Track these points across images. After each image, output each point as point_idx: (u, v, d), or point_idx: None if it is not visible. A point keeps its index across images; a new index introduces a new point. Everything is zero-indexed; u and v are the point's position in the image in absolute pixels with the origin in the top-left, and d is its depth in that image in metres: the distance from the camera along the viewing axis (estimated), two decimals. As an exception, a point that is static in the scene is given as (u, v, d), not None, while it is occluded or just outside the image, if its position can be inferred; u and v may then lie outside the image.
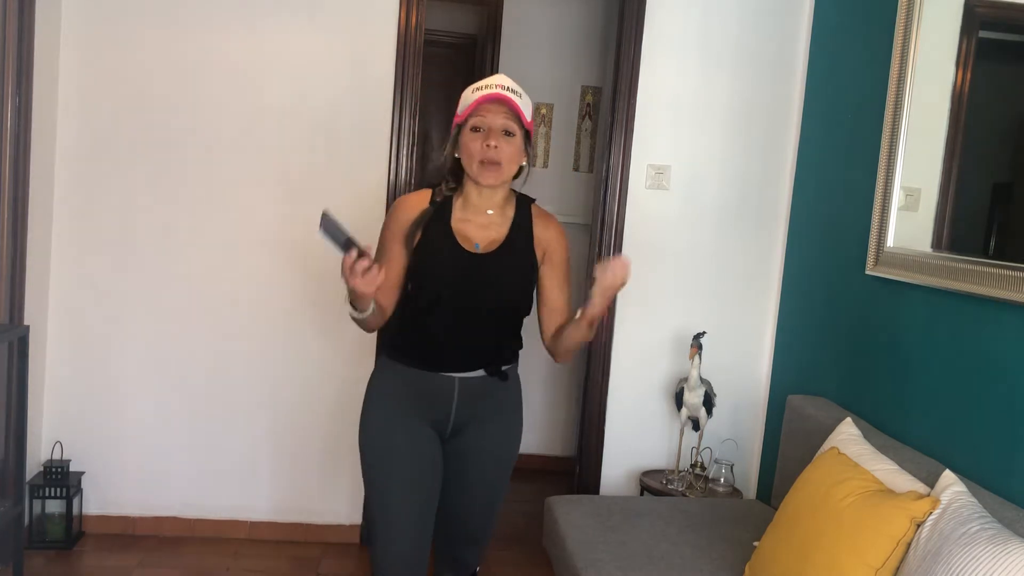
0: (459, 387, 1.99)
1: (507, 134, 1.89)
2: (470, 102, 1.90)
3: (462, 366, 1.98)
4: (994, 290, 1.97)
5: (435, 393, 1.99)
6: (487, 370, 2.00)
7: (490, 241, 1.97)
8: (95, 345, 3.11)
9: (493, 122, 1.88)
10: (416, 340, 2.00)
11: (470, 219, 1.98)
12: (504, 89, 1.89)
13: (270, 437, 3.21)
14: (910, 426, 2.30)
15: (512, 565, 3.21)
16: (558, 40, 4.17)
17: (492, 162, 1.89)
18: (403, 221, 1.97)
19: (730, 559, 2.29)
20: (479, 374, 1.99)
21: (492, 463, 2.07)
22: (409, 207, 1.99)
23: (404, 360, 2.01)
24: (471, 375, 1.99)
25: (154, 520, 3.19)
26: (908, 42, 2.40)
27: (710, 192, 3.24)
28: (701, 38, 3.19)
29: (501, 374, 2.01)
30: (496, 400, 2.04)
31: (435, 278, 1.95)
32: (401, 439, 1.99)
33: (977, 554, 1.62)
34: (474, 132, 1.89)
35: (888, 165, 2.46)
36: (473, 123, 1.89)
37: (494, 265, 1.95)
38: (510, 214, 2.01)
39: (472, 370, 1.99)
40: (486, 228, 1.98)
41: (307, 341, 3.18)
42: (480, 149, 1.88)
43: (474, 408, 2.01)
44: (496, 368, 2.01)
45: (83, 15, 3.00)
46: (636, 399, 3.30)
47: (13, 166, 2.73)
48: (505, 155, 1.89)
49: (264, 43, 3.07)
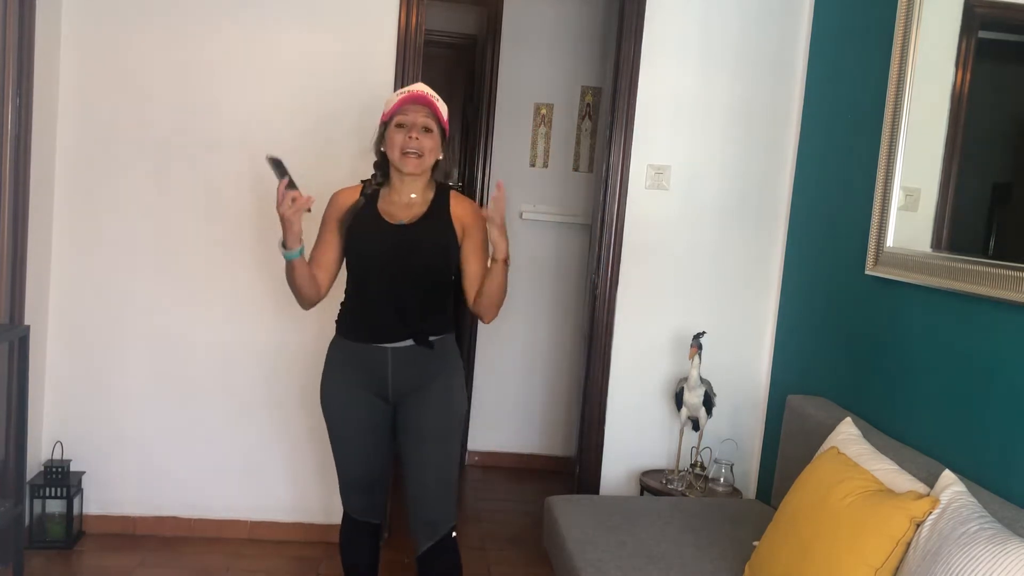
0: (392, 357, 2.23)
1: (426, 130, 2.18)
2: (395, 101, 2.20)
3: (392, 336, 2.22)
4: (994, 290, 1.97)
5: (372, 363, 2.24)
6: (415, 339, 2.22)
7: (412, 217, 2.24)
8: (95, 345, 3.11)
9: (415, 119, 2.17)
10: (353, 314, 2.29)
11: (395, 201, 2.26)
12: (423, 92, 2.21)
13: (270, 437, 3.21)
14: (910, 426, 2.30)
15: (512, 565, 3.21)
16: (558, 40, 4.17)
17: (414, 152, 2.17)
18: (337, 209, 2.29)
19: (730, 559, 2.29)
20: (408, 343, 2.22)
21: (436, 425, 2.26)
22: (343, 197, 2.31)
23: (346, 335, 2.30)
24: (401, 345, 2.22)
25: (154, 520, 3.19)
26: (908, 42, 2.40)
27: (710, 192, 3.25)
28: (701, 38, 3.19)
29: (427, 343, 2.23)
30: (431, 368, 2.25)
31: (364, 248, 2.23)
32: (344, 403, 2.31)
33: (977, 554, 1.62)
34: (398, 128, 2.18)
35: (888, 165, 2.46)
36: (397, 120, 2.18)
37: (415, 232, 2.21)
38: (430, 196, 2.27)
39: (402, 340, 2.22)
40: (409, 208, 2.25)
41: (307, 341, 3.18)
42: (403, 141, 2.17)
43: (409, 376, 2.24)
44: (424, 338, 2.22)
45: (83, 15, 3.00)
46: (636, 399, 3.30)
47: (13, 166, 2.73)
48: (425, 147, 2.18)
49: (264, 43, 3.07)
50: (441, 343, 2.27)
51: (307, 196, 2.08)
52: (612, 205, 3.21)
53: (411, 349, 2.23)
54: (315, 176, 3.11)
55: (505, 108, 4.16)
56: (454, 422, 2.31)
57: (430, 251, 2.22)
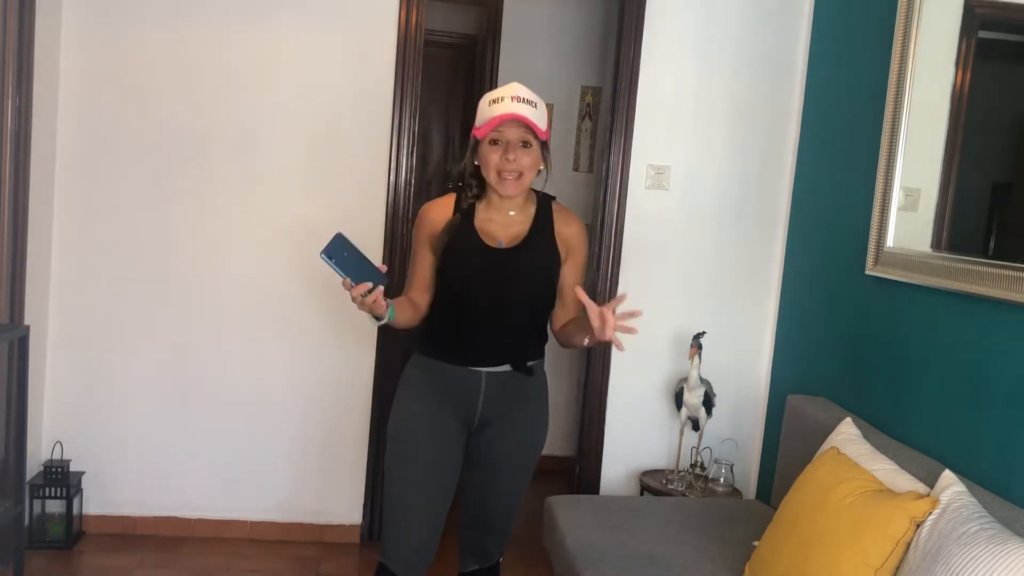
0: (485, 381, 2.06)
1: (524, 145, 1.97)
2: (488, 118, 1.96)
3: (488, 361, 2.06)
4: (994, 290, 1.97)
5: (462, 387, 2.07)
6: (513, 365, 2.07)
7: (513, 237, 2.06)
8: (95, 345, 3.11)
9: (511, 136, 1.96)
10: (445, 336, 2.09)
11: (493, 219, 2.07)
12: (520, 101, 1.94)
13: (270, 437, 3.21)
14: (910, 426, 2.30)
15: (512, 565, 3.21)
16: (558, 40, 4.17)
17: (513, 173, 1.97)
18: (429, 228, 2.08)
19: (730, 559, 2.29)
20: (505, 369, 2.07)
21: (517, 456, 2.14)
22: (435, 214, 2.10)
23: (433, 355, 2.10)
24: (497, 370, 2.06)
25: (154, 520, 3.19)
26: (908, 42, 2.40)
27: (710, 192, 3.24)
28: (701, 38, 3.19)
29: (527, 369, 2.08)
30: (522, 395, 2.12)
31: (462, 274, 2.04)
32: (426, 432, 2.08)
33: (977, 554, 1.62)
34: (492, 145, 1.98)
35: (888, 165, 2.46)
36: (492, 136, 1.97)
37: (517, 259, 2.04)
38: (531, 212, 2.09)
39: (498, 365, 2.06)
40: (508, 226, 2.07)
41: (307, 341, 3.18)
42: (499, 161, 1.96)
43: (500, 402, 2.09)
44: (522, 363, 2.08)
45: (83, 15, 3.00)
46: (636, 399, 3.30)
47: (13, 166, 2.73)
48: (525, 165, 1.98)
49: (264, 43, 3.07)
50: (537, 367, 2.14)
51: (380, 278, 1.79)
52: (612, 205, 3.21)
53: (507, 375, 2.08)
54: (315, 177, 3.13)
55: (505, 108, 4.15)
56: (535, 452, 2.18)
57: (533, 277, 2.06)
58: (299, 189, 3.13)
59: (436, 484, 2.10)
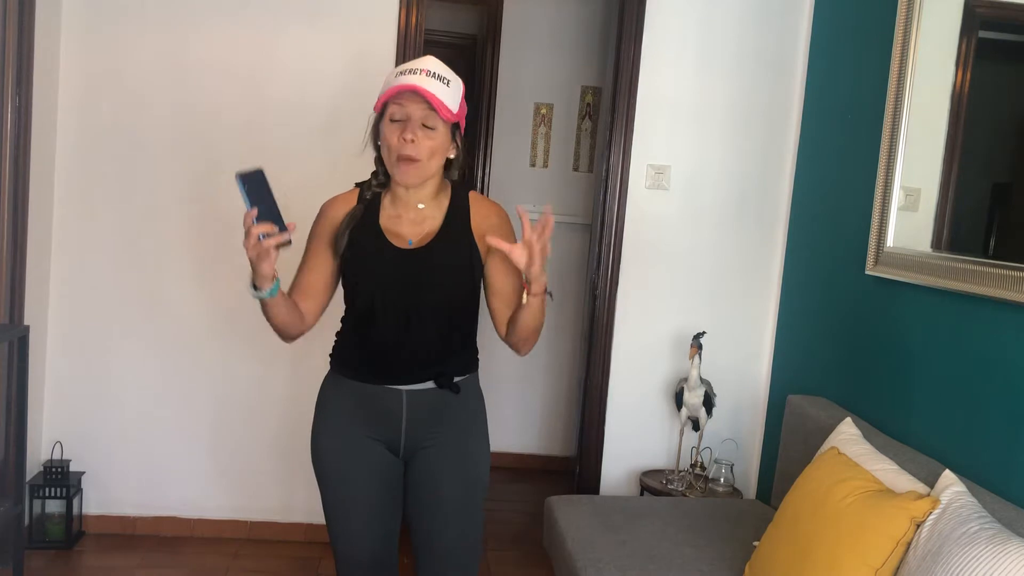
0: (407, 401, 1.82)
1: (427, 126, 1.72)
2: (388, 87, 1.72)
3: (408, 377, 1.82)
4: (994, 290, 1.97)
5: (382, 408, 1.83)
6: (436, 382, 1.82)
7: (424, 235, 1.81)
8: (95, 345, 3.11)
9: (412, 112, 1.71)
10: (358, 350, 1.86)
11: (400, 214, 1.83)
12: (429, 76, 1.70)
13: (270, 437, 3.21)
14: (910, 426, 2.30)
15: (512, 565, 3.21)
16: (558, 40, 4.17)
17: (410, 159, 1.73)
18: (329, 223, 1.85)
19: (730, 559, 2.29)
20: (428, 386, 1.83)
21: (457, 488, 1.86)
22: (336, 207, 1.87)
23: (348, 373, 1.88)
24: (419, 387, 1.82)
25: (154, 520, 3.19)
26: (908, 42, 2.40)
27: (710, 192, 3.24)
28: (701, 38, 3.19)
29: (452, 386, 1.82)
30: (452, 416, 1.85)
31: (367, 281, 1.80)
32: (347, 456, 1.85)
33: (977, 554, 1.62)
34: (393, 123, 1.73)
35: (888, 165, 2.46)
36: (391, 112, 1.73)
37: (429, 259, 1.78)
38: (445, 204, 1.84)
39: (420, 382, 1.82)
40: (419, 223, 1.82)
41: (307, 341, 3.17)
42: (397, 143, 1.73)
43: (427, 426, 1.84)
44: (446, 379, 1.82)
45: (83, 15, 3.00)
46: (636, 399, 3.30)
47: (13, 166, 2.73)
48: (424, 150, 1.73)
49: (264, 43, 3.07)
50: (466, 384, 1.87)
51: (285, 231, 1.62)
52: (612, 205, 3.21)
53: (431, 392, 1.83)
54: (313, 179, 3.12)
55: (505, 108, 4.16)
56: (479, 479, 1.89)
57: (449, 279, 1.80)
58: (299, 188, 3.11)
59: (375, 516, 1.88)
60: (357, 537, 1.89)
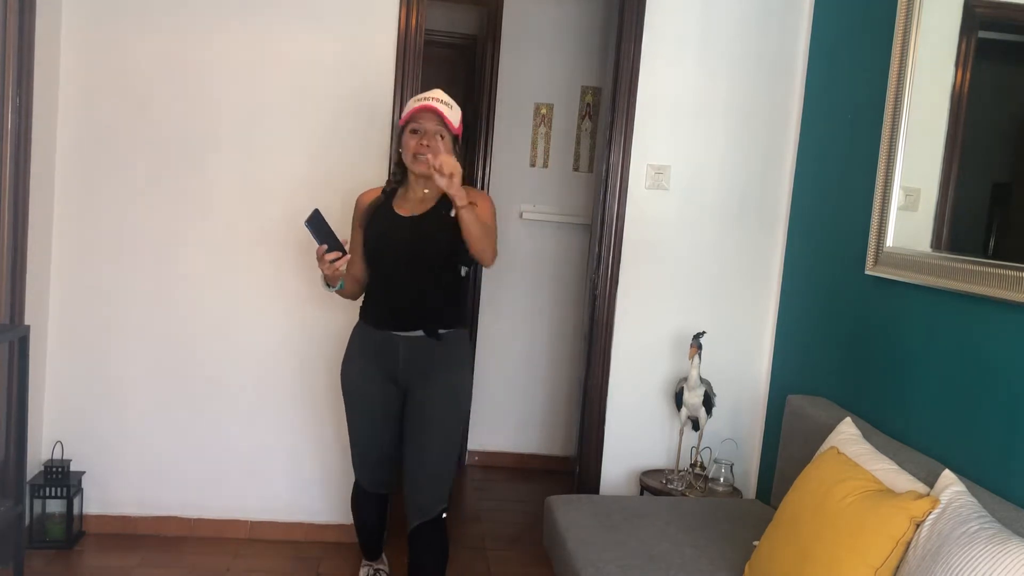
0: (403, 345, 2.43)
1: (439, 136, 2.39)
2: (409, 109, 2.40)
3: (403, 325, 2.43)
4: (994, 290, 1.97)
5: (386, 349, 2.46)
6: (425, 330, 2.41)
7: (423, 210, 2.44)
8: (95, 345, 3.11)
9: (428, 126, 2.39)
10: (373, 303, 2.51)
11: (409, 198, 2.48)
12: (438, 102, 2.39)
13: (270, 437, 3.21)
14: (910, 426, 2.30)
15: (512, 565, 3.21)
16: (558, 40, 4.17)
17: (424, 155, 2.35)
18: (359, 209, 2.54)
19: (730, 559, 2.29)
20: (419, 334, 2.42)
21: (437, 412, 2.43)
22: (366, 198, 2.55)
23: (367, 321, 2.52)
24: (412, 334, 2.42)
25: (154, 520, 3.19)
26: (908, 42, 2.40)
27: (710, 192, 3.25)
28: (701, 38, 3.19)
29: (436, 335, 2.42)
30: (438, 360, 2.44)
31: (377, 239, 2.45)
32: (363, 387, 2.53)
33: (976, 553, 1.62)
34: (412, 133, 2.40)
35: (888, 165, 2.46)
36: (412, 127, 2.40)
37: (420, 223, 2.41)
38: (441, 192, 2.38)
39: (412, 330, 2.42)
40: (421, 203, 2.45)
41: (307, 341, 3.19)
42: (416, 146, 2.39)
43: (418, 365, 2.43)
44: (432, 329, 2.41)
45: (83, 15, 3.00)
46: (636, 399, 3.30)
47: (13, 166, 2.73)
48: (435, 151, 2.34)
49: (264, 43, 3.07)
50: (449, 337, 2.45)
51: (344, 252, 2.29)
52: (612, 205, 3.21)
53: (421, 339, 2.42)
54: (315, 176, 3.13)
55: (505, 108, 4.16)
56: (455, 414, 2.48)
57: (436, 238, 2.40)
58: (299, 189, 3.12)
59: (379, 426, 2.53)
60: (369, 439, 2.57)
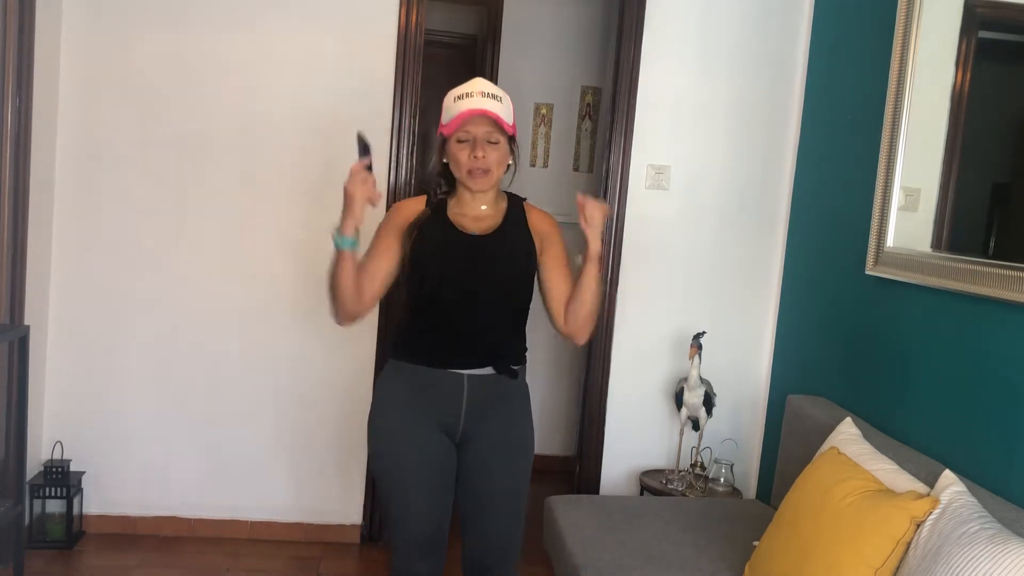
0: (468, 385, 1.97)
1: (491, 142, 1.95)
2: (454, 114, 1.94)
3: (469, 361, 1.97)
4: (994, 290, 1.97)
5: (444, 392, 1.97)
6: (496, 367, 1.98)
7: (485, 229, 2.03)
8: (95, 345, 3.11)
9: (477, 132, 1.94)
10: (422, 333, 2.00)
11: (465, 213, 2.04)
12: (485, 96, 1.93)
13: (270, 437, 3.21)
14: (910, 426, 2.30)
15: (512, 565, 3.21)
16: (558, 40, 4.17)
17: (482, 171, 1.96)
18: (400, 220, 2.04)
19: (730, 559, 2.29)
20: (488, 371, 1.98)
21: (508, 476, 2.03)
22: (407, 209, 2.07)
23: (411, 358, 2.00)
24: (480, 372, 1.98)
25: (154, 520, 3.19)
26: (908, 42, 2.40)
27: (710, 192, 3.24)
28: (701, 38, 3.19)
29: (510, 371, 2.00)
30: (506, 403, 2.03)
31: (436, 264, 1.98)
32: (410, 440, 1.98)
33: (977, 554, 1.62)
34: (460, 143, 1.96)
35: (888, 165, 2.46)
36: (459, 135, 1.96)
37: (491, 246, 2.00)
38: (503, 207, 2.08)
39: (480, 367, 1.98)
40: (481, 220, 2.04)
41: (308, 341, 3.18)
42: (468, 160, 1.95)
43: (484, 410, 1.99)
44: (505, 365, 1.99)
45: (83, 15, 3.00)
46: (636, 399, 3.30)
47: (13, 166, 2.73)
48: (492, 161, 1.96)
49: (264, 43, 3.07)
50: (520, 373, 2.06)
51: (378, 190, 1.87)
52: (612, 205, 3.21)
53: (491, 378, 1.99)
54: (315, 176, 3.12)
55: (505, 108, 4.15)
56: (526, 466, 2.07)
57: (510, 262, 2.00)
58: (299, 189, 3.12)
59: (431, 494, 1.99)
60: (426, 514, 1.99)
